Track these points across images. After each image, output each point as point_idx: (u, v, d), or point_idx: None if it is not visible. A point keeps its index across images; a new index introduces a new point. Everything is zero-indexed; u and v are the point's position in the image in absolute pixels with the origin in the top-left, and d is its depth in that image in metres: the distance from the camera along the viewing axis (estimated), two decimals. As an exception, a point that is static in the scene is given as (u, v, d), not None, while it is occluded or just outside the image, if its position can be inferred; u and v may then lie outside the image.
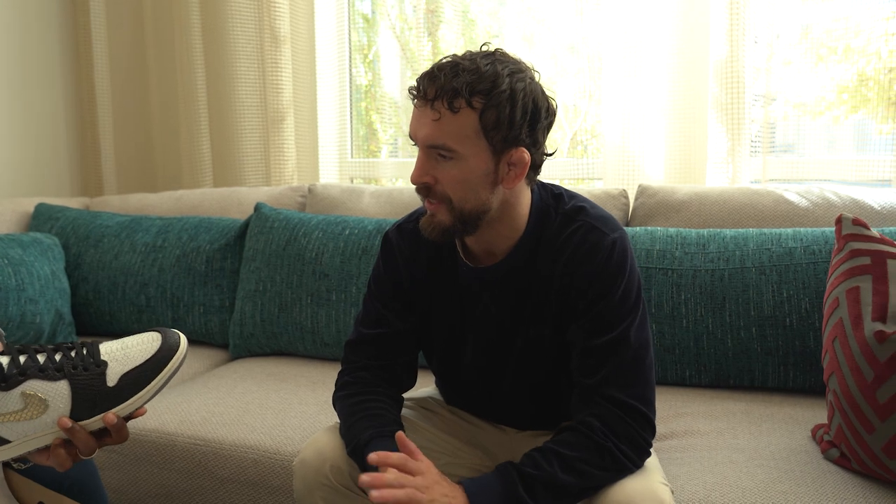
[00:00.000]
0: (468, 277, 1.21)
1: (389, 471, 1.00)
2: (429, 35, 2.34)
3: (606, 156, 2.17)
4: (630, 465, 1.06)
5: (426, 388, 1.45)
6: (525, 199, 1.17)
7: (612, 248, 1.12)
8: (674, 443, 1.41)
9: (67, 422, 0.87)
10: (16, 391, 0.85)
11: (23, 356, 0.87)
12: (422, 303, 1.26)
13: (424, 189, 1.11)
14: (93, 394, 0.88)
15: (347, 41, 2.50)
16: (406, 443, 1.05)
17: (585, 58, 2.24)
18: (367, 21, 2.58)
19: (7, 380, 0.85)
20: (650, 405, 1.10)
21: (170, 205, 2.39)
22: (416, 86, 1.09)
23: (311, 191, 2.26)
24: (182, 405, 1.65)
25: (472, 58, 1.07)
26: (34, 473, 1.07)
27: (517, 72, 1.07)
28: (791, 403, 1.56)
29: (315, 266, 1.94)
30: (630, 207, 1.96)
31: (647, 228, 1.77)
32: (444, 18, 2.34)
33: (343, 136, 2.56)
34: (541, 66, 2.26)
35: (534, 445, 1.17)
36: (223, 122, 2.60)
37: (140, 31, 2.79)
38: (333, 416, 1.58)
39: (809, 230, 1.65)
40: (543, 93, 1.11)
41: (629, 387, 1.08)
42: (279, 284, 1.97)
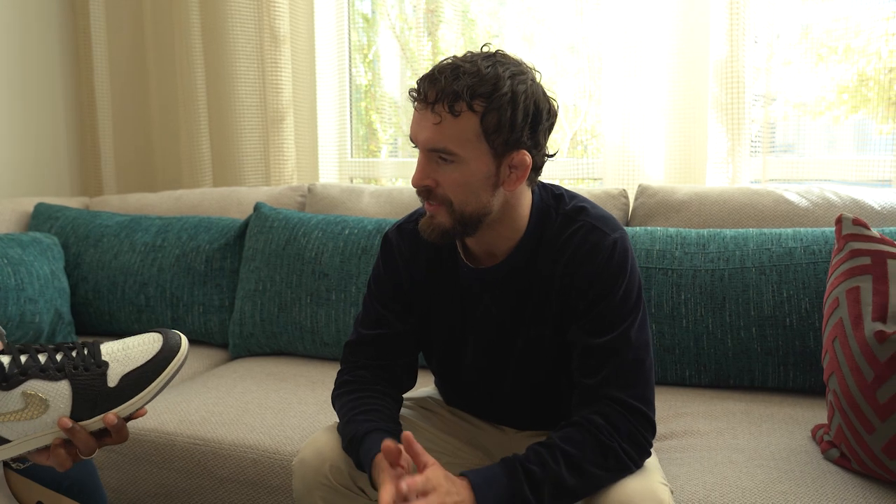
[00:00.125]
0: (469, 278, 1.21)
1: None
2: (429, 35, 2.34)
3: (606, 156, 2.17)
4: (631, 466, 1.06)
5: (426, 388, 1.44)
6: (526, 200, 1.16)
7: (613, 248, 1.12)
8: (673, 443, 1.41)
9: (68, 422, 0.86)
10: (16, 391, 0.85)
11: (24, 356, 0.87)
12: (421, 304, 1.26)
13: (425, 192, 1.11)
14: (93, 394, 0.88)
15: (347, 41, 2.50)
16: (412, 444, 1.02)
17: (585, 58, 2.24)
18: (367, 21, 2.58)
19: (8, 379, 0.85)
20: (651, 406, 1.10)
21: (169, 204, 2.39)
22: (417, 88, 1.08)
23: (311, 190, 2.26)
24: (181, 405, 1.65)
25: (473, 60, 1.06)
26: (33, 473, 1.07)
27: (518, 74, 1.06)
28: (791, 403, 1.56)
29: (315, 266, 1.94)
30: (630, 207, 1.96)
31: (647, 228, 1.77)
32: (444, 18, 2.33)
33: (343, 136, 2.56)
34: (541, 66, 2.24)
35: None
36: (223, 122, 2.59)
37: (140, 31, 2.78)
38: (333, 416, 1.58)
39: (809, 230, 1.65)
40: (545, 94, 1.10)
41: (630, 387, 1.08)
42: (279, 284, 1.97)
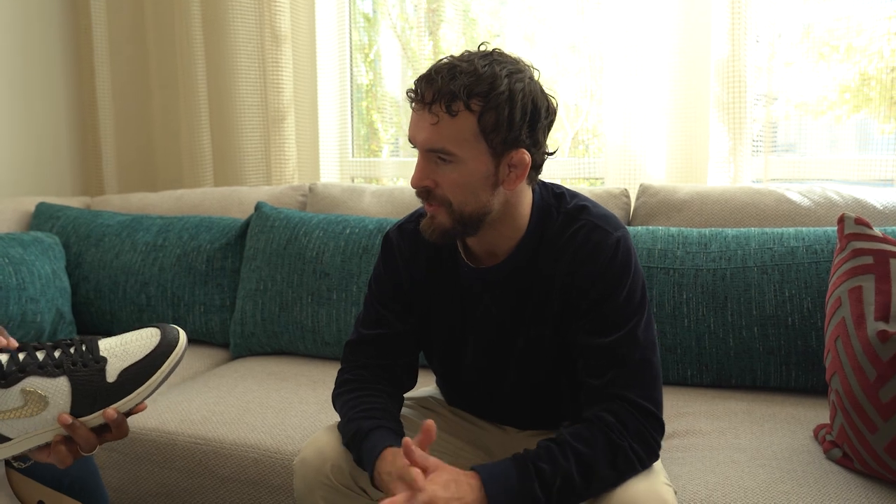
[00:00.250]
0: (470, 278, 1.20)
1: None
2: (430, 34, 2.34)
3: (608, 155, 2.17)
4: (639, 467, 1.05)
5: (426, 388, 1.44)
6: (526, 199, 1.16)
7: (616, 247, 1.11)
8: (675, 442, 1.40)
9: (68, 418, 0.86)
10: (15, 388, 0.85)
11: (22, 353, 0.87)
12: (422, 303, 1.26)
13: (424, 192, 1.11)
14: (93, 390, 0.88)
15: (348, 40, 2.50)
16: (412, 451, 1.01)
17: (587, 57, 2.24)
18: (368, 20, 2.58)
19: (7, 377, 0.85)
20: (659, 406, 1.09)
21: (170, 204, 2.39)
22: (414, 89, 1.07)
23: (312, 190, 2.26)
24: (182, 404, 1.65)
25: (470, 59, 1.05)
26: (35, 472, 1.07)
27: (516, 72, 1.06)
28: (793, 403, 1.56)
29: (316, 265, 1.93)
30: (631, 207, 1.96)
31: (649, 228, 1.77)
32: (445, 18, 2.33)
33: (344, 136, 2.56)
34: (542, 66, 2.25)
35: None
36: (224, 122, 2.59)
37: (141, 31, 2.79)
38: (334, 416, 1.57)
39: (811, 229, 1.65)
40: (543, 92, 1.09)
41: (638, 387, 1.07)
42: (280, 284, 1.97)
